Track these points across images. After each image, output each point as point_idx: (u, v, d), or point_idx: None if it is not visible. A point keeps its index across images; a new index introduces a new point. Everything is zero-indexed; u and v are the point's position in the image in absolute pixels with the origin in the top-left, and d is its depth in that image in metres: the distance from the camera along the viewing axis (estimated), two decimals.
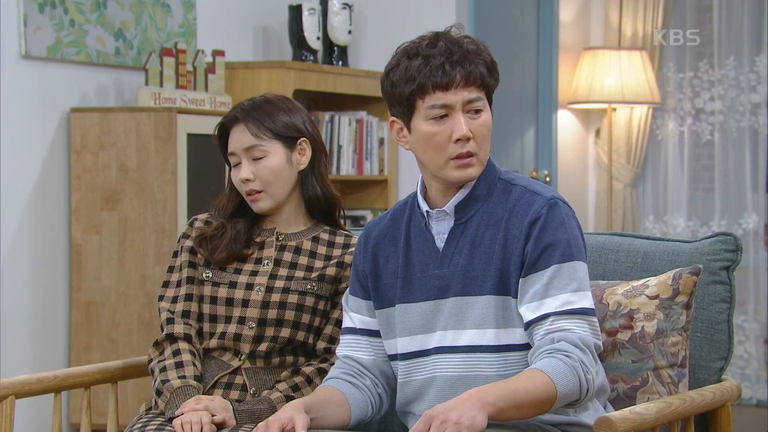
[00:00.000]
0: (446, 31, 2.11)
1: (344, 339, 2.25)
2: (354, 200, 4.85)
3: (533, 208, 2.08)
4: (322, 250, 2.42)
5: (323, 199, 2.44)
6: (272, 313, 2.35)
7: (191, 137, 3.82)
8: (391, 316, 2.18)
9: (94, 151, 3.86)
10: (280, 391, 2.31)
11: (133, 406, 3.51)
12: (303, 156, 2.41)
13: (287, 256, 2.41)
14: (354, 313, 2.24)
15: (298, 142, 2.41)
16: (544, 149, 5.62)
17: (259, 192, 2.38)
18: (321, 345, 2.39)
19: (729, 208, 5.51)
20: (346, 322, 2.25)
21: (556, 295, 2.04)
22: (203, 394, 2.34)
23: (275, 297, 2.36)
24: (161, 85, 4.00)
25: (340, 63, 4.75)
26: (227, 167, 2.47)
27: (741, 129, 5.48)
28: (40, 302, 3.82)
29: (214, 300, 2.39)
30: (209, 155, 3.76)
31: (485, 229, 2.11)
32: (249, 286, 2.38)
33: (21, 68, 3.79)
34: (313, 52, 4.64)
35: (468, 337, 2.09)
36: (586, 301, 2.05)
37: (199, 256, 2.42)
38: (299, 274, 2.39)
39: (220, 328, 2.38)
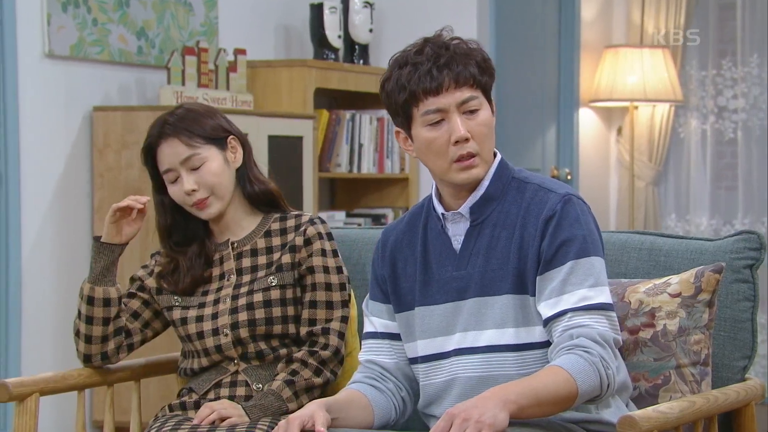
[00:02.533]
0: (435, 36, 2.11)
1: (366, 344, 2.24)
2: (375, 199, 4.86)
3: (548, 206, 2.08)
4: (276, 241, 2.43)
5: (262, 192, 2.44)
6: (242, 316, 2.37)
7: None
8: (411, 319, 2.18)
9: (116, 150, 3.88)
10: (280, 380, 2.33)
11: (156, 404, 3.51)
12: (236, 153, 2.43)
13: (246, 262, 2.42)
14: (375, 317, 2.23)
15: (228, 140, 2.42)
16: (565, 147, 5.61)
17: (205, 199, 2.38)
18: (303, 330, 2.40)
19: (752, 207, 5.47)
20: (367, 327, 2.25)
21: (573, 291, 2.03)
22: (207, 396, 2.38)
23: (242, 301, 2.38)
24: (183, 83, 4.02)
25: (361, 61, 4.75)
26: (154, 192, 2.43)
27: (764, 127, 5.45)
28: (64, 300, 3.84)
29: (184, 321, 2.41)
30: None
31: (501, 229, 2.11)
32: (216, 301, 2.40)
33: (44, 67, 3.81)
34: (335, 50, 4.65)
35: (488, 337, 2.09)
36: (603, 296, 2.04)
37: (164, 285, 2.44)
38: (261, 273, 2.40)
39: (202, 344, 2.39)
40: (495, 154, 2.15)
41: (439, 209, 2.16)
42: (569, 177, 5.56)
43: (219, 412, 2.26)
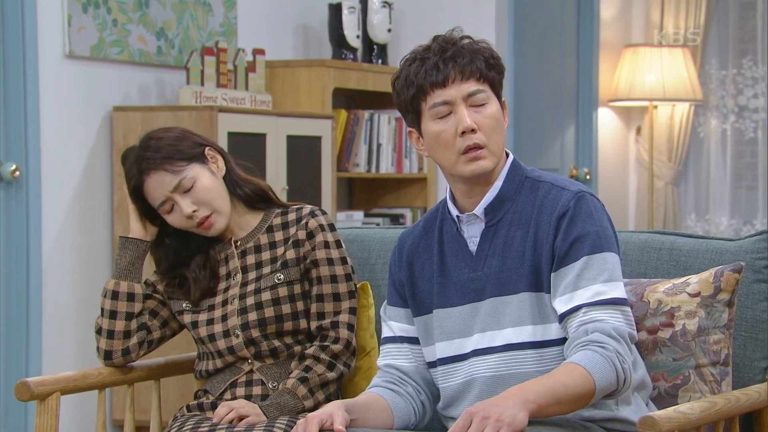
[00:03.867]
0: (444, 34, 2.13)
1: (384, 348, 2.25)
2: (393, 199, 4.86)
3: (560, 203, 2.08)
4: (279, 236, 2.43)
5: (254, 192, 2.45)
6: (252, 316, 2.37)
7: (232, 135, 3.84)
8: (429, 322, 2.18)
9: None
10: (294, 378, 2.34)
11: (176, 403, 3.53)
12: (218, 162, 2.43)
13: (251, 259, 2.42)
14: (393, 322, 2.24)
15: (206, 153, 2.42)
16: (584, 147, 5.60)
17: (208, 216, 2.38)
18: (313, 325, 2.40)
19: None
20: (386, 332, 2.26)
21: (588, 287, 2.03)
22: (223, 397, 2.39)
23: (250, 300, 2.38)
24: (202, 84, 4.03)
25: (380, 61, 4.76)
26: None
27: None
28: (84, 300, 3.86)
29: (195, 324, 2.42)
30: (250, 153, 3.78)
31: (516, 229, 2.11)
32: (224, 302, 2.40)
33: (65, 67, 3.83)
34: (353, 50, 4.65)
35: (505, 336, 2.09)
36: (617, 291, 2.05)
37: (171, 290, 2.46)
38: (266, 270, 2.41)
39: (215, 346, 2.40)
40: (507, 155, 2.16)
41: (454, 212, 2.16)
42: (588, 177, 5.54)
43: (237, 411, 2.28)
